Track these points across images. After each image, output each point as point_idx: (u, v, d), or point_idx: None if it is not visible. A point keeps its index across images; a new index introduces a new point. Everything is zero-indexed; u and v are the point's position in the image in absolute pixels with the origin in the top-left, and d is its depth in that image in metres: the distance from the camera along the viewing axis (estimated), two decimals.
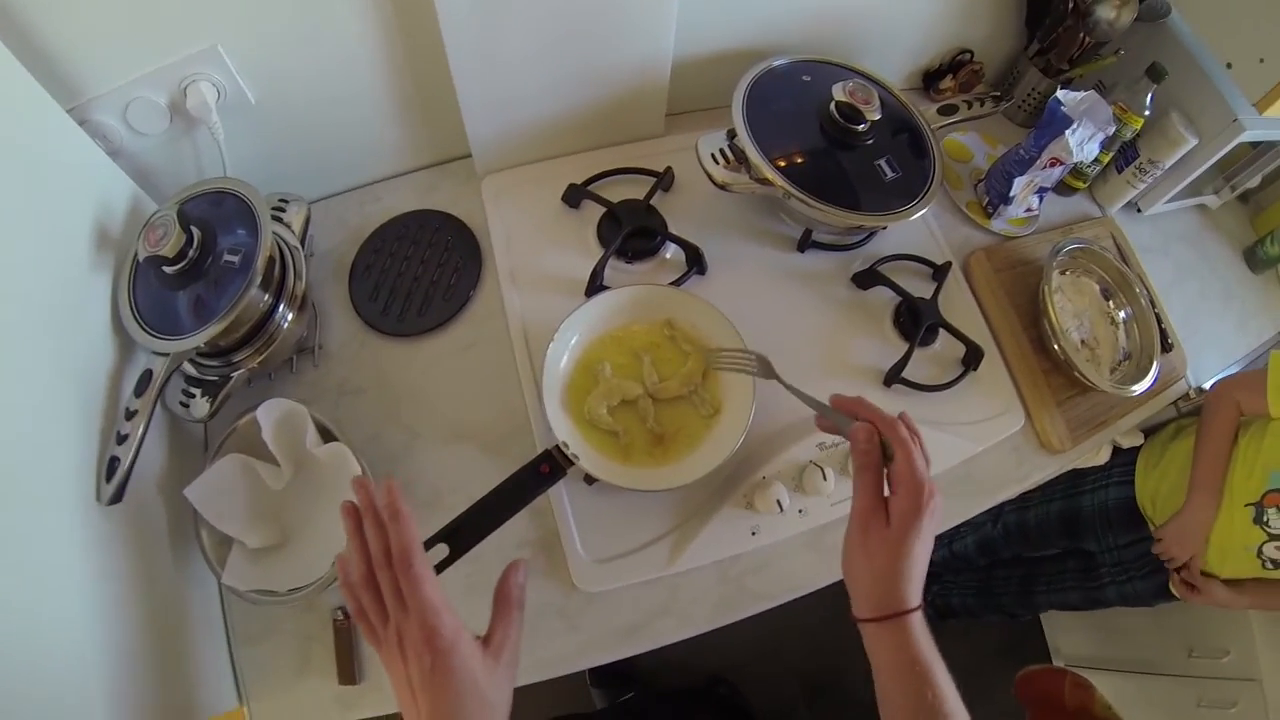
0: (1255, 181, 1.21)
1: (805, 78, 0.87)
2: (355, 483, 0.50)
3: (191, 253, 0.64)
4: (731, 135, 0.82)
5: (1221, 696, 1.34)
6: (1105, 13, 0.97)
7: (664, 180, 0.90)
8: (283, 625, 0.72)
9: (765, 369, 0.71)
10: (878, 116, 0.82)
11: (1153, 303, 1.02)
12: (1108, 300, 1.02)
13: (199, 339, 0.64)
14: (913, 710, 0.48)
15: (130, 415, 0.63)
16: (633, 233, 0.85)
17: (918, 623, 0.49)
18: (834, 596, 0.61)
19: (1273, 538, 0.95)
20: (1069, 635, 1.71)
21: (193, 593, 0.70)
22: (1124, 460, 1.17)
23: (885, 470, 0.52)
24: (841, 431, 0.56)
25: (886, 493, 0.52)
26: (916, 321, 0.87)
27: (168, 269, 0.64)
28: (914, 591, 0.50)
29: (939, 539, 1.49)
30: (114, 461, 0.60)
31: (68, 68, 0.63)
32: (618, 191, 0.89)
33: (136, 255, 0.65)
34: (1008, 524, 1.38)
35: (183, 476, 0.68)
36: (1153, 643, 1.50)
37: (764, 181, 0.79)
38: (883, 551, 0.50)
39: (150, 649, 0.61)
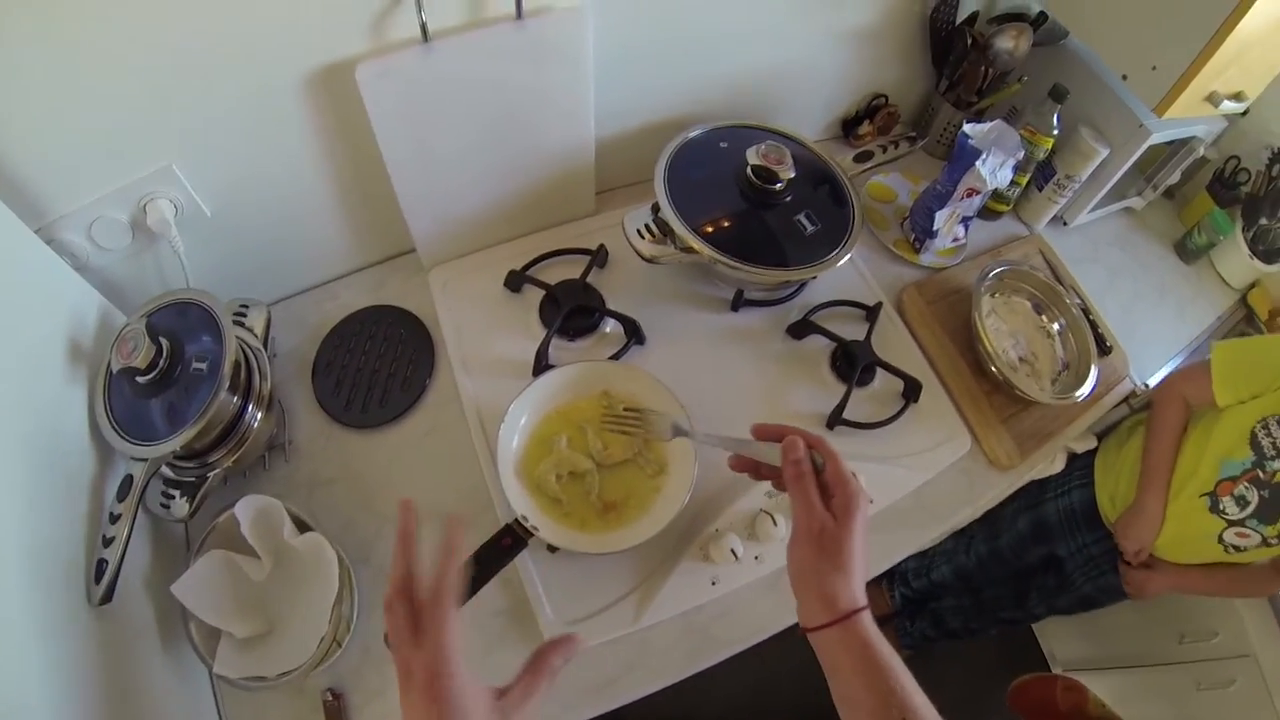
0: (1176, 178, 1.26)
1: (722, 144, 0.92)
2: (401, 506, 0.51)
3: (162, 363, 0.67)
4: (656, 209, 0.85)
5: (1219, 676, 1.36)
6: (1004, 43, 1.03)
7: (598, 258, 0.94)
8: (274, 711, 0.74)
9: (668, 428, 0.72)
10: (792, 175, 0.86)
11: (1086, 310, 1.07)
12: (1040, 315, 1.06)
13: (174, 444, 0.66)
14: (881, 704, 0.48)
15: (114, 519, 0.65)
16: (571, 312, 0.88)
17: (869, 621, 0.51)
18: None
19: (1232, 524, 0.97)
20: (1062, 642, 1.72)
21: (185, 685, 0.72)
22: (1082, 464, 1.19)
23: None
24: (765, 459, 0.59)
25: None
26: (852, 364, 0.91)
27: (140, 379, 0.66)
28: (861, 591, 0.52)
29: (919, 569, 1.51)
30: (102, 564, 0.62)
31: (34, 189, 0.65)
32: (556, 273, 0.93)
33: (110, 367, 0.67)
34: (979, 553, 1.40)
35: (168, 574, 0.70)
36: (1143, 635, 1.52)
37: (689, 250, 0.83)
38: (834, 548, 0.52)
39: None
